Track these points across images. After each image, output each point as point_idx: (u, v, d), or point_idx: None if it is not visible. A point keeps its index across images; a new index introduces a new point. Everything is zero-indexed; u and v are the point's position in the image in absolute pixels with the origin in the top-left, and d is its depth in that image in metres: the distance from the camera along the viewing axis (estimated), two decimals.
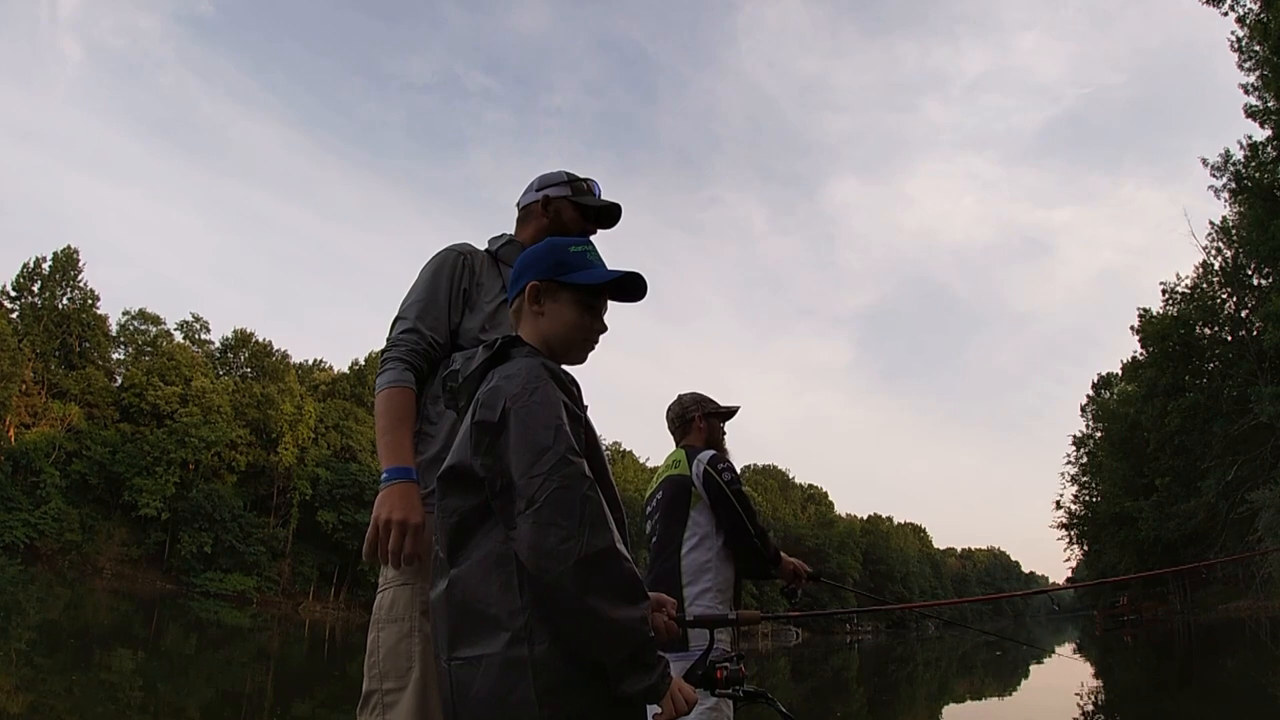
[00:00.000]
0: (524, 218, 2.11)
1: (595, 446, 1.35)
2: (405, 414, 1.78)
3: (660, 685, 1.19)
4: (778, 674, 17.79)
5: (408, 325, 1.88)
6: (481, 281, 1.97)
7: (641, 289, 1.49)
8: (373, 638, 1.69)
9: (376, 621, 1.70)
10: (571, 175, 2.11)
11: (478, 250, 2.05)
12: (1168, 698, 11.08)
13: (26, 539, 38.75)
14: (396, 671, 1.64)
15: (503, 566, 1.22)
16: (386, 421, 1.76)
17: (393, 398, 1.79)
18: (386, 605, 1.70)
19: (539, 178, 2.13)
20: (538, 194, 2.09)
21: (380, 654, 1.66)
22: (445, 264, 1.96)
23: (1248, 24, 28.06)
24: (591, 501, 1.19)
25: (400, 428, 1.75)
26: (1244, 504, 30.10)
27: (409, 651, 1.65)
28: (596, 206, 2.10)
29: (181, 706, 10.63)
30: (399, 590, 1.70)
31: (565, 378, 1.34)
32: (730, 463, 2.94)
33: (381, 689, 1.64)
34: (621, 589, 1.17)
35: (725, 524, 2.80)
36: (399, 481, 1.68)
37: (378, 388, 1.83)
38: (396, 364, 1.83)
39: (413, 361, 1.84)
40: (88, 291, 47.63)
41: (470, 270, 1.97)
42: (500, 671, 1.18)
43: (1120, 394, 52.79)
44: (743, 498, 2.83)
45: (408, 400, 1.80)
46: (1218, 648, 20.54)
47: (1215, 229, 37.55)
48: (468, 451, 1.28)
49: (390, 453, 1.71)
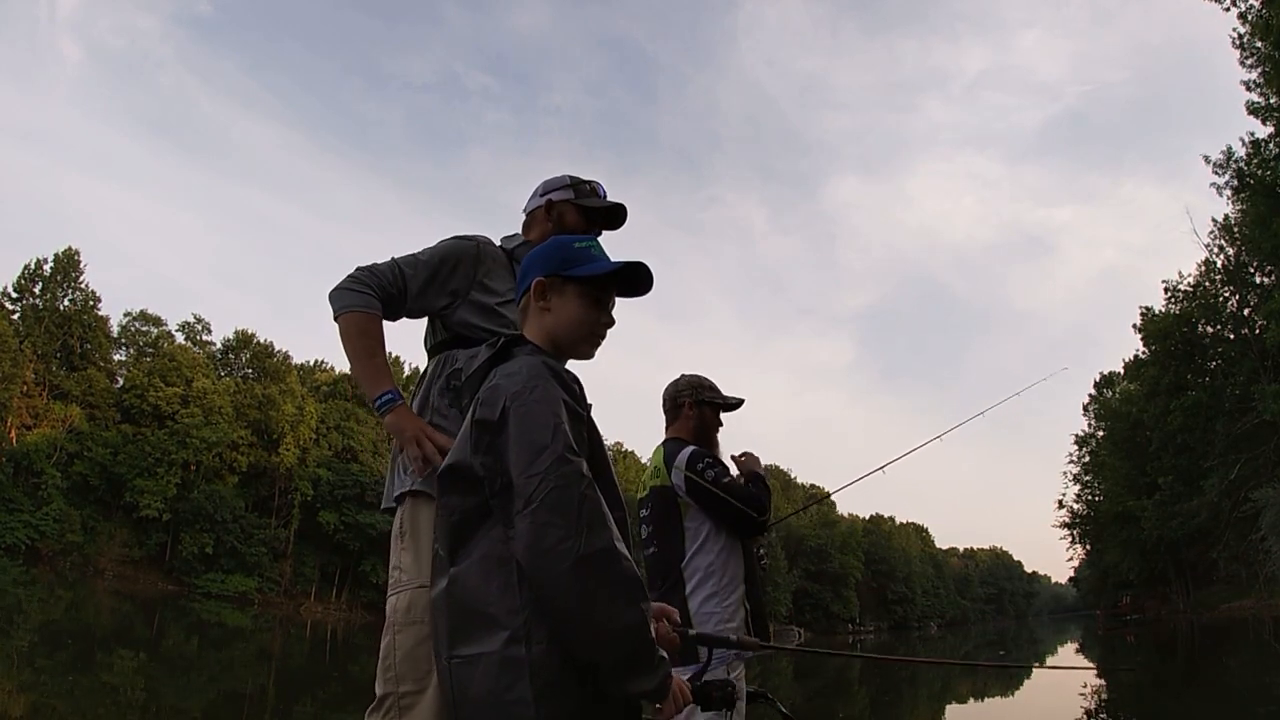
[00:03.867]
0: (529, 223, 2.13)
1: (598, 445, 1.34)
2: (380, 341, 1.86)
3: (663, 687, 1.18)
4: (780, 674, 17.76)
5: (394, 264, 1.92)
6: (487, 280, 1.98)
7: (647, 282, 1.48)
8: (388, 640, 1.68)
9: (393, 625, 1.69)
10: (575, 179, 2.11)
11: (494, 246, 2.06)
12: (1171, 697, 11.05)
13: (28, 540, 38.79)
14: (414, 675, 1.63)
15: (503, 565, 1.22)
16: (366, 344, 1.83)
17: (368, 323, 1.84)
18: (404, 608, 1.69)
19: (543, 182, 2.13)
20: (541, 199, 2.10)
21: (397, 657, 1.65)
22: (455, 252, 1.98)
23: (1249, 20, 28.02)
24: (590, 500, 1.18)
25: (381, 351, 1.86)
26: (1247, 502, 30.09)
27: (428, 655, 1.62)
28: (601, 208, 2.10)
29: (183, 708, 10.62)
30: (416, 593, 1.69)
31: (567, 376, 1.33)
32: (711, 457, 2.72)
33: (398, 691, 1.63)
34: (621, 589, 1.16)
35: (728, 522, 2.66)
36: (401, 403, 1.80)
37: (346, 303, 1.85)
38: (367, 290, 1.86)
39: (381, 295, 1.87)
40: (89, 292, 47.74)
41: (478, 263, 1.99)
42: (498, 670, 1.18)
43: (1122, 393, 52.78)
44: (731, 486, 2.65)
45: (379, 329, 1.87)
46: (1220, 647, 20.49)
47: (1217, 227, 37.59)
48: (468, 450, 1.27)
49: (381, 375, 1.83)
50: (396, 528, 1.83)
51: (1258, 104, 29.36)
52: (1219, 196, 32.64)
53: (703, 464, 2.68)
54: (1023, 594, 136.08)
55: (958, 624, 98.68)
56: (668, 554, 2.68)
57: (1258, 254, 33.62)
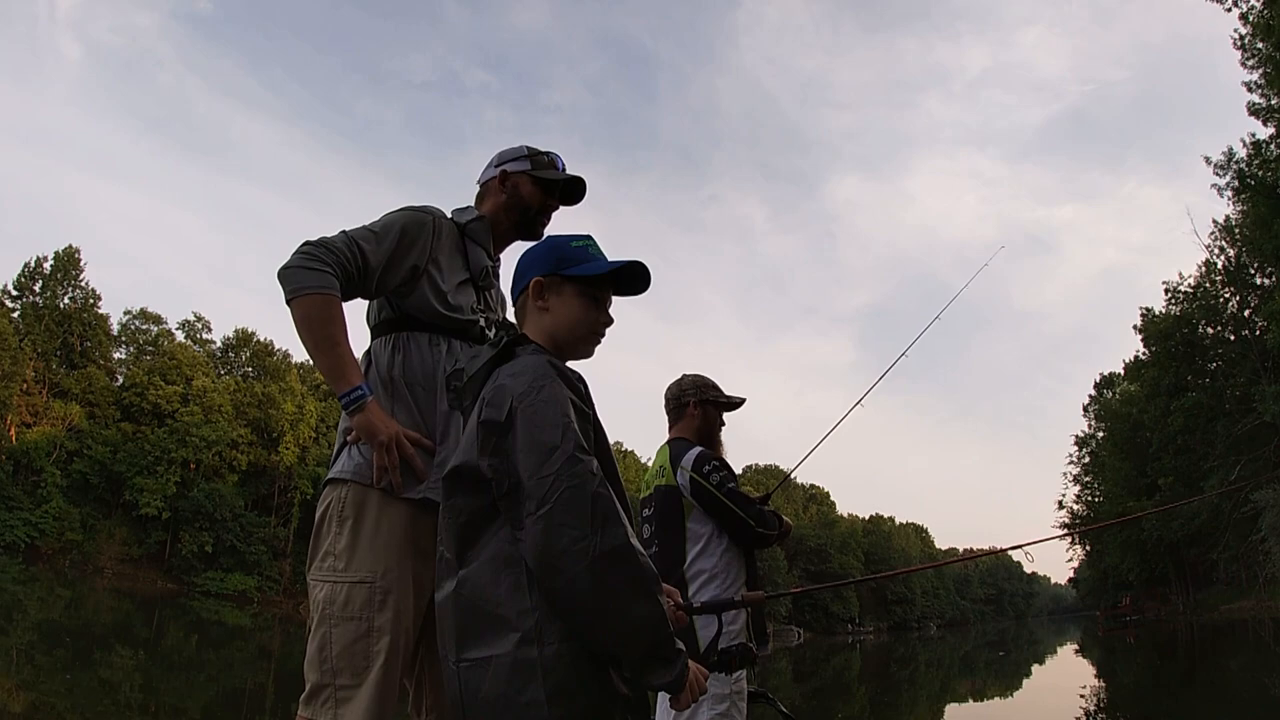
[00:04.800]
0: (482, 194, 2.04)
1: (604, 446, 1.33)
2: (343, 327, 1.70)
3: (682, 677, 1.20)
4: (779, 674, 17.76)
5: (349, 238, 1.75)
6: (441, 257, 1.86)
7: (645, 280, 1.48)
8: (323, 632, 1.62)
9: (327, 617, 1.63)
10: (532, 149, 2.03)
11: (447, 219, 1.94)
12: (1170, 698, 11.04)
13: (27, 538, 38.81)
14: (352, 669, 1.60)
15: (512, 567, 1.22)
16: (329, 331, 1.67)
17: (329, 306, 1.67)
18: (340, 602, 1.63)
19: (498, 153, 2.05)
20: (495, 169, 2.02)
21: (333, 650, 1.61)
22: (412, 224, 1.84)
23: (1250, 21, 27.99)
24: (602, 498, 1.18)
25: (345, 339, 1.70)
26: (1247, 504, 30.07)
27: (366, 651, 1.61)
28: (558, 181, 2.03)
29: (182, 706, 10.61)
30: (354, 588, 1.64)
31: (572, 375, 1.33)
32: (719, 460, 2.72)
33: (335, 684, 1.60)
34: (639, 584, 1.17)
35: (728, 529, 2.64)
36: (373, 399, 1.69)
37: (302, 285, 1.66)
38: (325, 269, 1.68)
39: (339, 274, 1.70)
40: (89, 291, 47.80)
41: (436, 236, 1.86)
42: (510, 672, 1.18)
43: (1122, 394, 52.77)
44: (736, 495, 2.63)
45: (341, 313, 1.71)
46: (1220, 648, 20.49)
47: (1218, 228, 37.52)
48: (474, 451, 1.27)
49: (348, 367, 1.69)
50: (335, 509, 1.71)
51: (1259, 105, 29.34)
52: (1220, 197, 32.66)
53: (709, 467, 2.66)
54: (1022, 595, 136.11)
55: (957, 624, 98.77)
56: (669, 554, 2.67)
57: (1258, 255, 33.60)
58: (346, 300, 1.74)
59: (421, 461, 1.72)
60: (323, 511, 1.74)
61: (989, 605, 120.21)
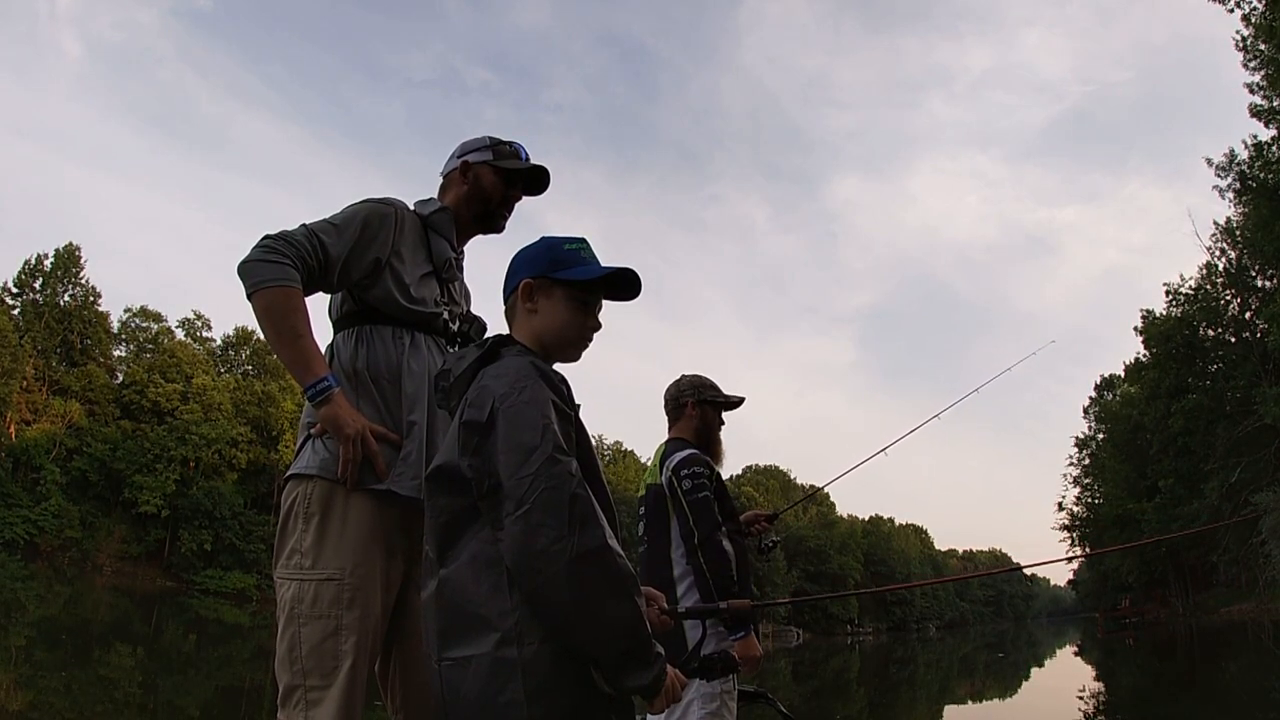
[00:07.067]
0: (445, 185, 2.02)
1: (586, 445, 1.33)
2: (306, 319, 1.69)
3: (659, 680, 1.20)
4: (778, 675, 17.76)
5: (310, 231, 1.74)
6: (403, 250, 1.84)
7: (635, 287, 1.48)
8: (292, 632, 1.60)
9: (295, 615, 1.61)
10: (495, 139, 2.02)
11: (409, 213, 1.92)
12: (1170, 700, 11.03)
13: (26, 536, 38.84)
14: (321, 670, 1.58)
15: (493, 567, 1.21)
16: (291, 324, 1.66)
17: (290, 298, 1.66)
18: (308, 600, 1.61)
19: (461, 144, 2.04)
20: (457, 160, 2.00)
21: (303, 650, 1.59)
22: (375, 216, 1.82)
23: (1253, 23, 27.95)
24: (580, 499, 1.18)
25: (308, 331, 1.68)
26: (1247, 506, 30.03)
27: (335, 650, 1.59)
28: (521, 171, 2.01)
29: (181, 704, 10.62)
30: (322, 585, 1.62)
31: (555, 376, 1.33)
32: (701, 466, 2.68)
33: (305, 685, 1.58)
34: (616, 585, 1.17)
35: (683, 532, 2.61)
36: (339, 391, 1.67)
37: (262, 278, 1.65)
38: (285, 261, 1.67)
39: (300, 267, 1.69)
40: (89, 288, 47.82)
41: (400, 229, 1.85)
42: (490, 672, 1.18)
43: (1123, 395, 52.77)
44: (700, 506, 2.59)
45: (303, 305, 1.69)
46: (1220, 651, 20.46)
47: (1219, 229, 37.53)
48: (456, 451, 1.27)
49: (313, 359, 1.67)
50: (301, 505, 1.68)
51: (1261, 106, 29.32)
52: (1221, 199, 32.71)
53: (686, 471, 2.66)
54: (1021, 596, 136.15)
55: (956, 625, 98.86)
56: (659, 552, 2.69)
57: (1259, 257, 33.61)
58: (308, 294, 1.73)
59: (387, 456, 1.70)
60: (288, 508, 1.70)
61: (988, 607, 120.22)
